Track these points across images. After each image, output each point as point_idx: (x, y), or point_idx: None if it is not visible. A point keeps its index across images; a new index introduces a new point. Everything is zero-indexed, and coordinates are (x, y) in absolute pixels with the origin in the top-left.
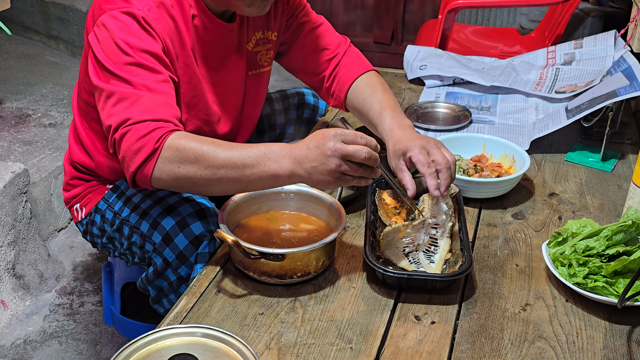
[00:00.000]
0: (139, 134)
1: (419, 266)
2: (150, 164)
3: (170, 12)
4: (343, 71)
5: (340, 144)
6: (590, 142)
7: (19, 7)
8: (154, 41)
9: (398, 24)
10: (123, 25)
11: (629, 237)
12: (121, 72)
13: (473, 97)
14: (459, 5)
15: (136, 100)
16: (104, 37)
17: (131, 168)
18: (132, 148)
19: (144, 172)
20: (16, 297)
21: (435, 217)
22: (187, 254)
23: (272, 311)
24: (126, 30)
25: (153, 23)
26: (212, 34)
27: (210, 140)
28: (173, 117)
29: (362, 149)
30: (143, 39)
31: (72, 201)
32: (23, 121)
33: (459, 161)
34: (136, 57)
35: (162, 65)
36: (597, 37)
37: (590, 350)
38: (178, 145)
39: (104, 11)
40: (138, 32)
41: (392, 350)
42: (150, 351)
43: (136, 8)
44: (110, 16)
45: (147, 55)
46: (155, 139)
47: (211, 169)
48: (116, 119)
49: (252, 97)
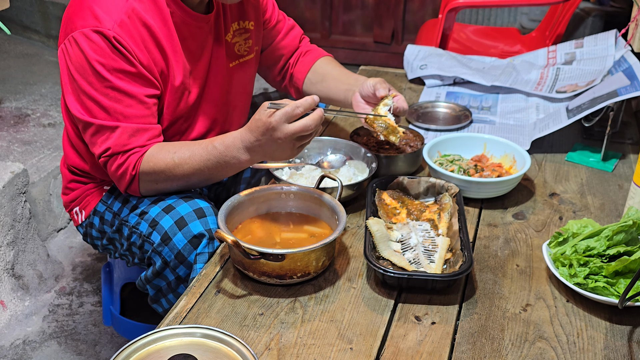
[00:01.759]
0: (118, 163)
1: (419, 266)
2: (134, 187)
3: (143, 19)
4: (302, 59)
5: (286, 128)
6: (591, 142)
7: (18, 7)
8: (127, 60)
9: (398, 23)
10: (95, 46)
11: (629, 237)
12: (97, 100)
13: (473, 96)
14: (459, 4)
15: (112, 131)
16: (78, 57)
17: (121, 189)
18: (116, 175)
19: (131, 190)
20: (15, 298)
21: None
22: (186, 253)
23: (272, 311)
24: (99, 51)
25: (125, 40)
26: (190, 28)
27: (173, 150)
28: (147, 140)
29: (307, 124)
30: (117, 59)
31: (71, 205)
32: (22, 121)
33: (459, 161)
34: (111, 80)
35: (140, 82)
36: (597, 37)
37: (591, 350)
38: (150, 170)
39: (74, 26)
40: (111, 52)
41: (392, 351)
42: (150, 351)
43: (106, 27)
44: (82, 34)
45: (121, 76)
46: (132, 166)
47: (183, 179)
48: (97, 148)
49: (237, 88)
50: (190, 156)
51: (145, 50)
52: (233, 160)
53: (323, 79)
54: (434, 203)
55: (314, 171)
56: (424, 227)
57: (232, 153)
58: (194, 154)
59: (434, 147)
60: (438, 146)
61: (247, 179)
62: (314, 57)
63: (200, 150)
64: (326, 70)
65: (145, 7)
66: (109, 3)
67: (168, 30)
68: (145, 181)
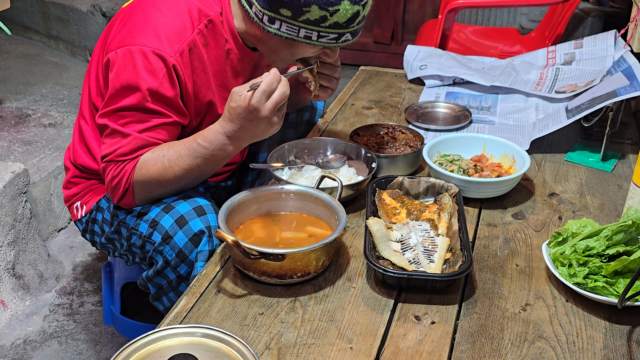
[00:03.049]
0: (113, 174)
1: (419, 266)
2: (128, 198)
3: (201, 53)
4: None
5: (268, 104)
6: (591, 142)
7: (18, 7)
8: (173, 87)
9: (398, 23)
10: (150, 67)
11: (629, 237)
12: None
13: (473, 97)
14: (459, 5)
15: (124, 137)
16: (128, 70)
17: (115, 200)
18: (110, 185)
19: (125, 202)
20: (16, 297)
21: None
22: (187, 251)
23: (272, 311)
24: (151, 72)
25: (181, 70)
26: (243, 64)
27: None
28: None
29: (283, 90)
30: (164, 84)
31: (72, 199)
32: (23, 121)
33: (459, 161)
34: (149, 99)
35: (172, 109)
36: (597, 37)
37: (591, 350)
38: (142, 179)
39: (135, 41)
40: (162, 77)
41: (392, 351)
42: (150, 351)
43: (169, 53)
44: (141, 52)
45: (160, 103)
46: (125, 177)
47: (176, 181)
48: (105, 148)
49: None
50: (178, 157)
51: (193, 83)
52: (220, 153)
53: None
54: (433, 203)
55: (314, 171)
56: (423, 227)
57: (218, 147)
58: (180, 154)
59: (434, 147)
60: (438, 146)
61: (249, 182)
62: None
63: (186, 149)
64: None
65: (205, 42)
66: (177, 30)
67: (220, 66)
68: (138, 192)
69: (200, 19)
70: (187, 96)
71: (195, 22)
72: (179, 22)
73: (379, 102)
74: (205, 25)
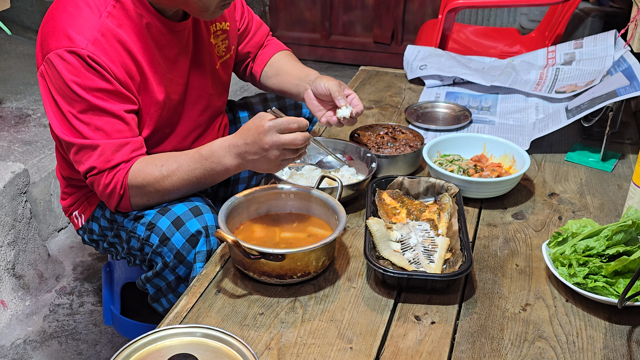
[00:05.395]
0: (104, 182)
1: (419, 266)
2: (124, 203)
3: (117, 34)
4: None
5: (276, 136)
6: (591, 142)
7: (18, 7)
8: (103, 78)
9: (398, 23)
10: (70, 67)
11: (629, 237)
12: (78, 119)
13: (473, 97)
14: (459, 5)
15: (94, 150)
16: (55, 78)
17: (111, 208)
18: (104, 194)
19: (122, 208)
20: (16, 297)
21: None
22: (185, 253)
23: (272, 311)
24: (74, 71)
25: (99, 58)
26: (167, 37)
27: (160, 163)
28: (131, 153)
29: (297, 137)
30: (93, 78)
31: (70, 209)
32: (23, 121)
33: (459, 161)
34: (89, 99)
35: (117, 99)
36: (597, 37)
37: (591, 350)
38: (138, 184)
39: (49, 47)
40: (86, 72)
41: (392, 351)
42: (150, 351)
43: (80, 46)
44: (57, 55)
45: (99, 94)
46: (119, 183)
47: (173, 191)
48: (82, 167)
49: (217, 88)
50: (178, 167)
51: (121, 66)
52: (218, 166)
53: (277, 72)
54: (433, 203)
55: (314, 171)
56: (423, 227)
57: (218, 158)
58: (180, 165)
59: (434, 147)
60: (438, 146)
61: (245, 179)
62: (271, 51)
63: (187, 159)
64: (280, 64)
65: (118, 22)
66: (82, 22)
67: (143, 43)
68: (135, 196)
69: (103, 3)
70: (120, 79)
71: (100, 7)
72: (82, 14)
73: (379, 102)
74: (113, 6)
